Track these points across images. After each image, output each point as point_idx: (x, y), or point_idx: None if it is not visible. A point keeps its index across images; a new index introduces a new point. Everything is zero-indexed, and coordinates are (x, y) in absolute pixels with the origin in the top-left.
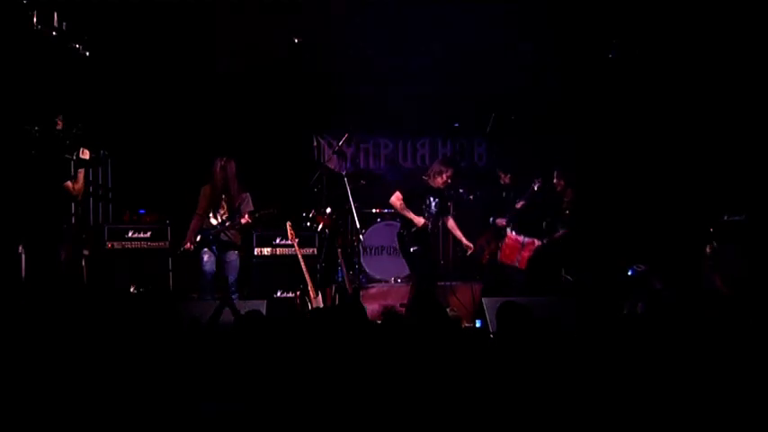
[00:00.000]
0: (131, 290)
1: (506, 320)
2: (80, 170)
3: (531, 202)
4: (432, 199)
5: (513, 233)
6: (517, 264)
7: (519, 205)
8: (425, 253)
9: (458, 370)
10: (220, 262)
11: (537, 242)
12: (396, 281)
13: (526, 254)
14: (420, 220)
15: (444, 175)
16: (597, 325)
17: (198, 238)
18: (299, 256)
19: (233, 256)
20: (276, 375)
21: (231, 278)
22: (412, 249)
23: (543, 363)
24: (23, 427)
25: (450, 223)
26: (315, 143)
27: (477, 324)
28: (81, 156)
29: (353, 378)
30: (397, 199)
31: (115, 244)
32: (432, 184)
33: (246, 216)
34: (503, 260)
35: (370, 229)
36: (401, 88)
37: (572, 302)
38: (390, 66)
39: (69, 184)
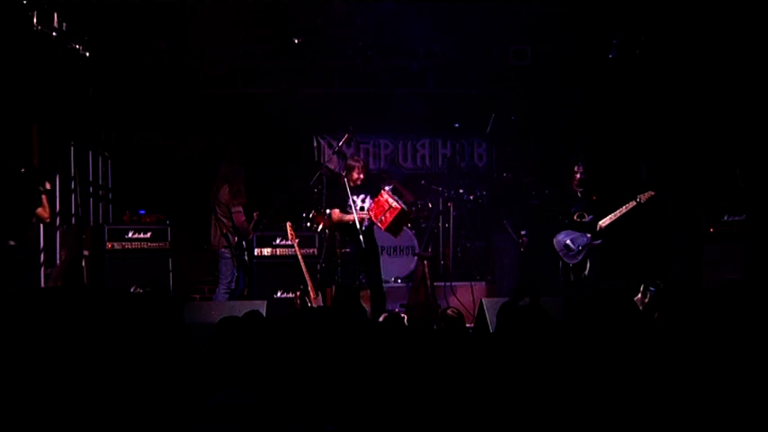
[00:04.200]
0: (132, 290)
1: (506, 321)
2: (44, 197)
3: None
4: (356, 198)
5: (386, 193)
6: (379, 224)
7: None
8: (356, 254)
9: (457, 370)
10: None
11: (401, 206)
12: (396, 281)
13: (389, 216)
14: (359, 215)
15: (357, 171)
16: (597, 325)
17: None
18: (299, 256)
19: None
20: (274, 375)
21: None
22: (344, 250)
23: (542, 363)
24: (24, 425)
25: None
26: (315, 143)
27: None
28: (45, 187)
29: (351, 377)
30: (335, 213)
31: (115, 244)
32: (352, 183)
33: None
34: (370, 215)
35: None
36: (401, 88)
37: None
38: (390, 66)
39: (41, 210)
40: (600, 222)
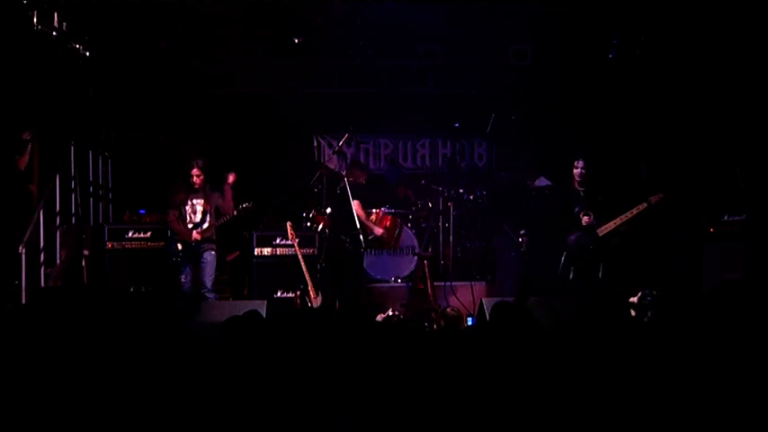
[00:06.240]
0: (131, 290)
1: (500, 320)
2: (28, 146)
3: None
4: None
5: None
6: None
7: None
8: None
9: (452, 368)
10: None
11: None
12: (396, 281)
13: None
14: (379, 230)
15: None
16: (595, 325)
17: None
18: (299, 256)
19: (211, 255)
20: (274, 374)
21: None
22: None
23: (537, 362)
24: (24, 425)
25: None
26: (315, 143)
27: (470, 322)
28: (24, 137)
29: (350, 377)
30: (360, 208)
31: (115, 244)
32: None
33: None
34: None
35: None
36: (401, 88)
37: (572, 301)
38: (390, 66)
39: (17, 157)
40: (598, 230)
